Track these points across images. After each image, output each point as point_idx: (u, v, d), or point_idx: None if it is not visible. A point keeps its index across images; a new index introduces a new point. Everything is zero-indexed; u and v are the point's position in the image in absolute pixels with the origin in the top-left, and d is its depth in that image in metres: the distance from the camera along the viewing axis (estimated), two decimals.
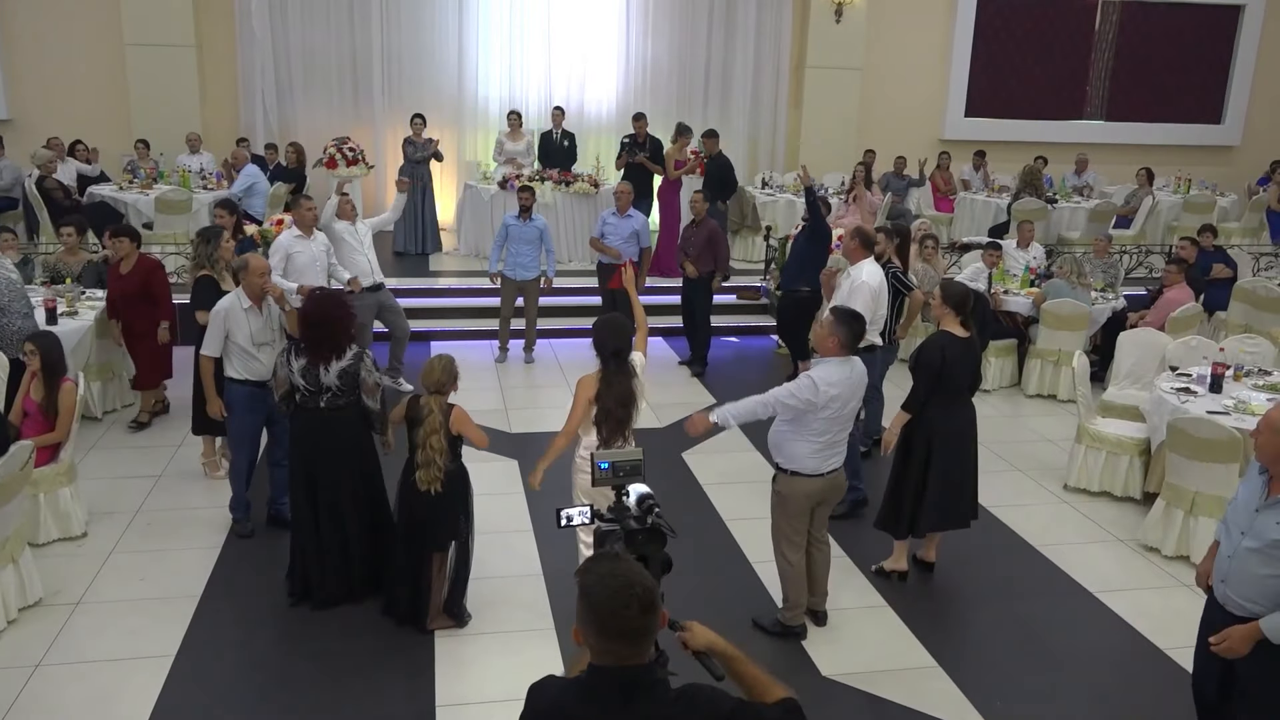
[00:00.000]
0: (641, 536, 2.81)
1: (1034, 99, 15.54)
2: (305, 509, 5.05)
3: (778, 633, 5.05)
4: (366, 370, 4.98)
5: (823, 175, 13.76)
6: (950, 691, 4.69)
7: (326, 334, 4.91)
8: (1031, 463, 7.46)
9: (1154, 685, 4.84)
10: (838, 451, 4.92)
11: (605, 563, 2.27)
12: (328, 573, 5.08)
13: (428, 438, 4.70)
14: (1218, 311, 9.85)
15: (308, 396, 4.94)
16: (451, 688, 4.58)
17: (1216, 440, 5.78)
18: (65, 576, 5.40)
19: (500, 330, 9.43)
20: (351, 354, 4.95)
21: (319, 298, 5.11)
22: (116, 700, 4.43)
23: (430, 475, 4.72)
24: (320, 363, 4.89)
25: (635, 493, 3.00)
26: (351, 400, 4.99)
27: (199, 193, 11.62)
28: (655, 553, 2.80)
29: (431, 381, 4.76)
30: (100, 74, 12.85)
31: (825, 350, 4.82)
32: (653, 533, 2.83)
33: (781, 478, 4.93)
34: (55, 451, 5.82)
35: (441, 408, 4.74)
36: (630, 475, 3.09)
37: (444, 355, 4.87)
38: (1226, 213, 14.24)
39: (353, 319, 5.08)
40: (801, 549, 5.00)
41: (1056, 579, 5.80)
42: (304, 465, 5.02)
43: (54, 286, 7.92)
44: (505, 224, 9.10)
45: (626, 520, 2.88)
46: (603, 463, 3.11)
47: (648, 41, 14.24)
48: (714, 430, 5.00)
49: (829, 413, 4.73)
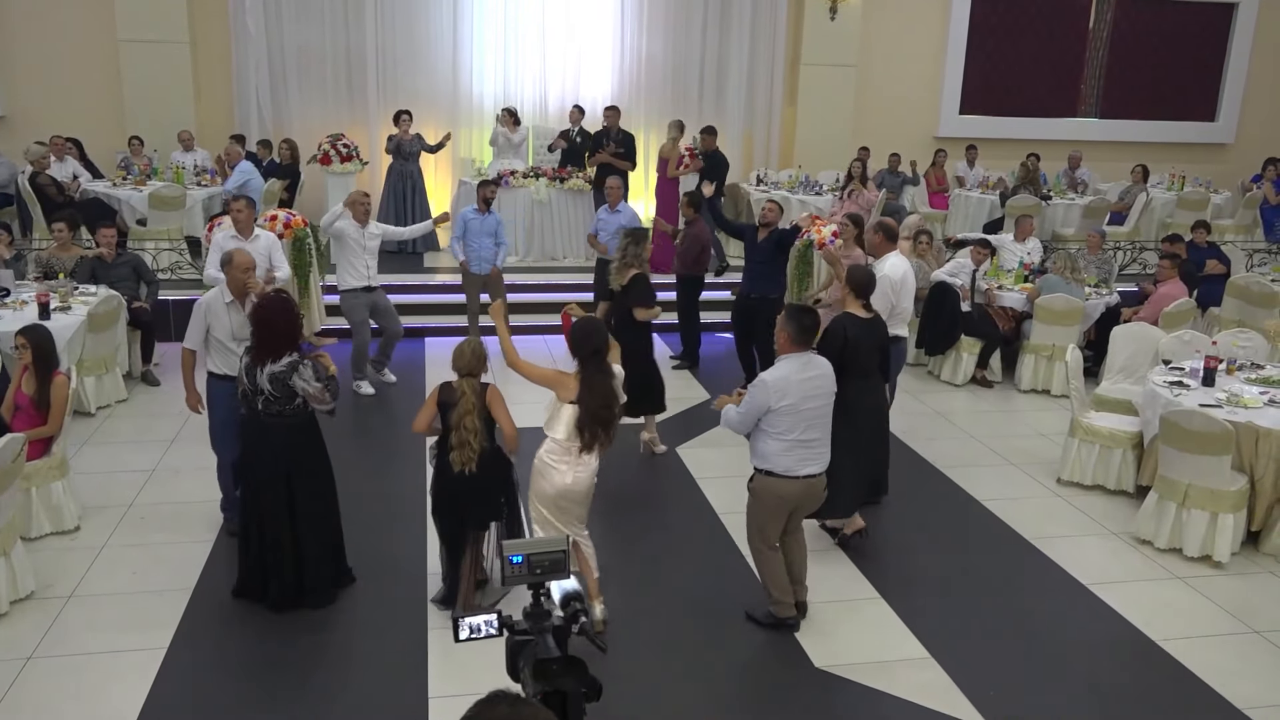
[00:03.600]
0: (556, 666, 2.19)
1: (1029, 96, 15.56)
2: (247, 509, 5.03)
3: (770, 624, 5.05)
4: (303, 379, 4.79)
5: (818, 172, 13.79)
6: (943, 682, 4.70)
7: (266, 335, 4.83)
8: (1025, 457, 7.47)
9: (1146, 676, 4.85)
10: (815, 454, 4.83)
11: (500, 709, 1.75)
12: (270, 575, 5.02)
13: (462, 419, 4.75)
14: (1211, 307, 9.88)
15: (249, 397, 4.89)
16: (444, 680, 4.58)
17: (1209, 433, 5.79)
18: (57, 570, 5.39)
19: (470, 327, 9.42)
20: (285, 361, 4.79)
21: (267, 298, 5.01)
22: (108, 693, 4.42)
23: (465, 456, 4.77)
24: (258, 364, 4.82)
25: (560, 590, 2.49)
26: (291, 408, 4.87)
27: (192, 189, 11.61)
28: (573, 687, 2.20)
29: (463, 364, 4.81)
30: (94, 70, 12.80)
31: (779, 347, 4.84)
32: (570, 663, 2.21)
33: (757, 477, 4.90)
34: (47, 445, 5.80)
35: (475, 389, 4.79)
36: (551, 571, 2.48)
37: (473, 339, 4.95)
38: (1220, 209, 14.27)
39: (295, 325, 4.93)
40: (773, 548, 4.99)
41: (1050, 572, 5.81)
42: (245, 466, 5.02)
43: (47, 281, 7.91)
44: (464, 218, 9.12)
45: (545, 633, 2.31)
46: (514, 555, 2.48)
47: (643, 38, 14.22)
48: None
49: (785, 403, 4.68)
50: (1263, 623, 5.29)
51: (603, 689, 2.25)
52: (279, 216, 9.41)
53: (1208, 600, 5.52)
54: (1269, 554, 6.02)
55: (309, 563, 5.04)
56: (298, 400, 4.87)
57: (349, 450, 5.30)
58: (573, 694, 2.22)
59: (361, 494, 6.14)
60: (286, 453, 4.93)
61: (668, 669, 4.75)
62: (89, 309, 7.58)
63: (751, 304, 8.38)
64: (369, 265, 8.07)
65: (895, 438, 7.62)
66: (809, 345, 4.84)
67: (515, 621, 2.37)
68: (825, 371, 4.85)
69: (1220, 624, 5.30)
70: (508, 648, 2.34)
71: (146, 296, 8.54)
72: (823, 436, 4.86)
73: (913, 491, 6.81)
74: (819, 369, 4.83)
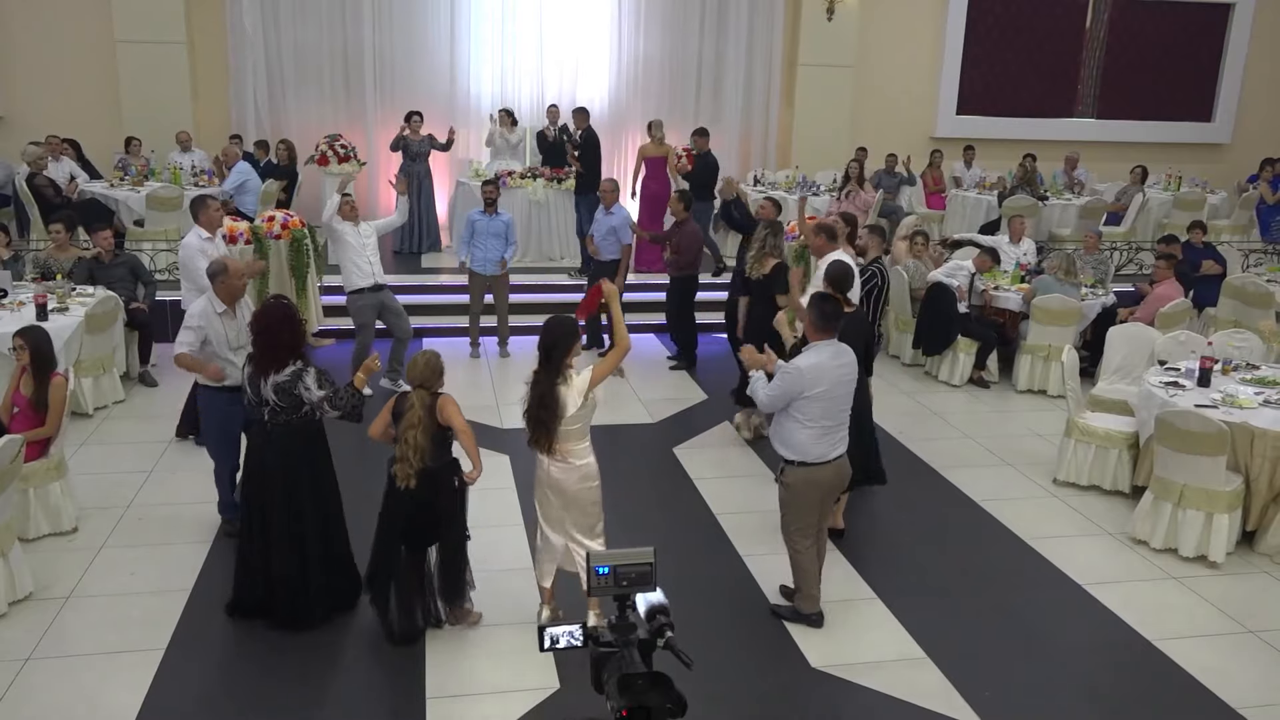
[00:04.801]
0: (641, 682, 2.15)
1: (1025, 97, 15.58)
2: (249, 520, 4.93)
3: (794, 619, 5.12)
4: (303, 387, 4.70)
5: (815, 173, 13.81)
6: (939, 683, 4.71)
7: (268, 344, 4.74)
8: (1022, 457, 7.48)
9: (1142, 676, 4.87)
10: (840, 436, 4.95)
11: None
12: (275, 586, 4.89)
13: (404, 432, 4.59)
14: (1207, 307, 9.90)
15: (253, 407, 4.84)
16: (441, 680, 4.58)
17: (1204, 433, 5.81)
18: (55, 571, 5.40)
19: (470, 326, 9.43)
20: (289, 371, 4.70)
21: (267, 305, 4.90)
22: (107, 694, 4.43)
23: (404, 471, 4.60)
24: (261, 374, 4.75)
25: (646, 604, 2.43)
26: (297, 418, 4.78)
27: (190, 189, 11.61)
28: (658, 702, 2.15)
29: (415, 375, 4.66)
30: (91, 71, 12.80)
31: (807, 334, 4.95)
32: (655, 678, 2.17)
33: (789, 470, 4.94)
34: (45, 446, 5.80)
35: (424, 402, 4.62)
36: (637, 583, 2.47)
37: (429, 350, 4.77)
38: (1217, 210, 14.29)
39: (298, 334, 4.84)
40: (810, 538, 5.05)
41: (1046, 572, 5.82)
42: (250, 477, 4.92)
43: (44, 282, 7.91)
44: (470, 219, 9.10)
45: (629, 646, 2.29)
46: (600, 567, 2.47)
47: (640, 39, 14.24)
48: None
49: (819, 390, 4.76)
50: (1258, 622, 5.31)
51: (688, 706, 2.20)
52: (276, 217, 9.43)
53: (1203, 600, 5.54)
54: (1264, 554, 6.04)
55: (312, 574, 4.89)
56: (305, 408, 4.78)
57: (340, 454, 5.32)
58: (657, 709, 2.19)
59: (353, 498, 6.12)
60: (296, 458, 4.83)
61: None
62: (86, 310, 7.58)
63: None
64: (371, 262, 7.96)
65: (892, 438, 7.67)
66: (834, 331, 4.89)
67: (600, 633, 2.36)
68: (853, 359, 4.96)
69: (1215, 624, 5.31)
70: (592, 660, 2.33)
71: (144, 297, 8.54)
72: (845, 420, 4.99)
73: (910, 492, 6.82)
74: (848, 356, 4.93)
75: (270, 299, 5.01)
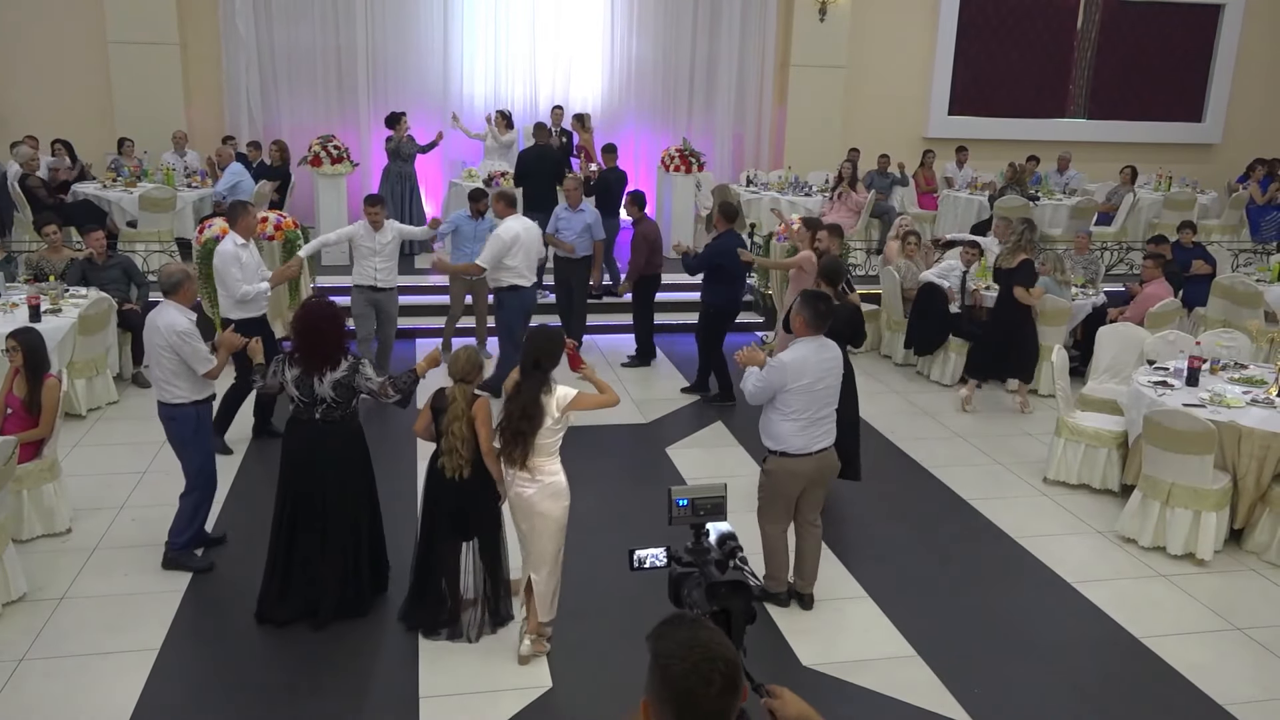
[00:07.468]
0: (724, 589, 2.48)
1: (1017, 97, 15.63)
2: (293, 522, 4.92)
3: (759, 596, 5.12)
4: (363, 378, 4.85)
5: (807, 173, 13.85)
6: (929, 680, 4.75)
7: (315, 344, 4.80)
8: (1011, 456, 7.53)
9: (1131, 674, 4.91)
10: (826, 430, 5.05)
11: (684, 629, 1.97)
12: (316, 584, 4.94)
13: (450, 425, 4.71)
14: (1197, 307, 9.95)
15: (302, 408, 4.87)
16: (434, 679, 4.60)
17: (1192, 432, 5.85)
18: (49, 572, 5.41)
19: (446, 329, 9.38)
20: (346, 365, 4.82)
21: (308, 306, 4.95)
22: (100, 695, 4.44)
23: (454, 462, 4.72)
24: (314, 374, 4.80)
25: (716, 532, 2.73)
26: (348, 413, 4.91)
27: (183, 190, 11.61)
28: (738, 606, 2.48)
29: (456, 370, 4.78)
30: (84, 72, 12.78)
31: (795, 330, 5.05)
32: (736, 585, 2.50)
33: (771, 458, 5.08)
34: (39, 448, 5.82)
35: (465, 396, 4.74)
36: (712, 513, 2.82)
37: (469, 346, 4.90)
38: (1207, 210, 14.35)
39: (344, 330, 4.94)
40: (782, 524, 5.19)
41: (1035, 570, 5.87)
42: (295, 477, 4.92)
43: (37, 284, 7.91)
44: (455, 221, 9.12)
45: (707, 565, 2.59)
46: (680, 499, 2.85)
47: (633, 39, 14.26)
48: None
49: (802, 383, 4.87)
50: (1245, 620, 5.36)
51: (756, 616, 2.58)
52: (269, 218, 9.43)
53: (1191, 598, 5.59)
54: (1251, 552, 6.09)
55: (363, 566, 5.05)
56: (354, 402, 4.91)
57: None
58: (737, 613, 2.50)
59: None
60: (347, 453, 4.94)
61: None
62: (80, 311, 7.58)
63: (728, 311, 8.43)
64: (376, 268, 8.09)
65: (883, 437, 7.71)
66: (823, 330, 5.02)
67: (680, 555, 2.70)
68: (837, 353, 5.08)
69: (1203, 621, 5.36)
70: (670, 579, 2.65)
71: (137, 298, 8.54)
72: (832, 414, 5.09)
73: (900, 490, 6.86)
74: (832, 350, 5.04)
75: (311, 298, 5.08)
